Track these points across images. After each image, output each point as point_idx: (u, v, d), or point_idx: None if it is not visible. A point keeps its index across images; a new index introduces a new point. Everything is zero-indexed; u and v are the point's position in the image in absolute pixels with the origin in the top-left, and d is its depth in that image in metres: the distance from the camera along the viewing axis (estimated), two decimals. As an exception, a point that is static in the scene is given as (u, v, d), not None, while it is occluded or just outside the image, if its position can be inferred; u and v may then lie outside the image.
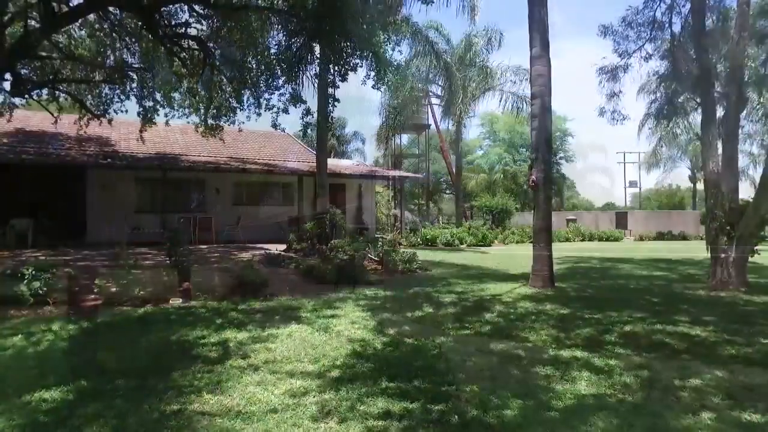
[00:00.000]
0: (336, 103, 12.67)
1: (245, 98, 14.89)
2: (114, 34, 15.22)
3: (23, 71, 14.09)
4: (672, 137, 21.83)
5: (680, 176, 79.43)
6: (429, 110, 28.70)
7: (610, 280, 9.58)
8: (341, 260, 11.67)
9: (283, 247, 15.64)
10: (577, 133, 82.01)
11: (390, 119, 23.54)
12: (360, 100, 76.17)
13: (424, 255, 10.74)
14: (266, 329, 5.29)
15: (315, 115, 13.94)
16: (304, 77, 14.72)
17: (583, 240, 24.89)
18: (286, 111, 12.82)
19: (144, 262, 9.81)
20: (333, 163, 22.48)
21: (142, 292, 6.80)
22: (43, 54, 13.51)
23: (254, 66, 13.01)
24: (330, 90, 13.19)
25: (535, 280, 8.33)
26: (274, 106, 12.91)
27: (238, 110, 15.80)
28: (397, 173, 23.09)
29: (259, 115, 14.51)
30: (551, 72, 8.43)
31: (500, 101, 24.61)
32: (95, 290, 6.60)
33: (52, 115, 15.58)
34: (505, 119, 62.06)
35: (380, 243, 11.91)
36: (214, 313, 6.03)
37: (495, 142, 61.83)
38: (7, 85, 13.47)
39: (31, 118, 19.83)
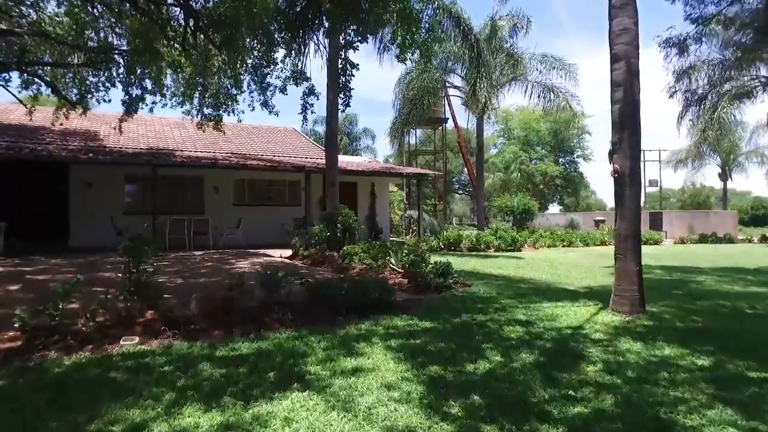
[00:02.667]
0: (354, 70, 10.41)
1: (244, 82, 12.90)
2: (94, 10, 13.31)
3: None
4: (719, 128, 19.51)
5: (705, 175, 76.52)
6: (446, 103, 26.61)
7: (705, 300, 7.46)
8: (358, 273, 9.68)
9: (289, 252, 13.71)
10: (596, 131, 78.91)
11: (405, 111, 21.43)
12: (369, 102, 74.49)
13: (452, 262, 8.71)
14: (251, 404, 3.26)
15: (321, 97, 11.83)
16: (310, 45, 12.47)
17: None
18: (283, 90, 10.77)
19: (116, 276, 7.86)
20: (344, 159, 20.50)
21: (84, 327, 4.80)
22: (4, 27, 11.60)
23: (248, 31, 10.87)
24: (342, 59, 11.01)
25: (619, 303, 6.24)
26: (269, 85, 10.83)
27: (237, 97, 13.83)
28: (414, 170, 21.07)
29: (265, 106, 12.40)
30: (638, 26, 6.33)
31: (525, 92, 22.44)
32: (16, 323, 4.62)
33: (24, 105, 13.67)
34: (519, 116, 59.77)
35: (404, 249, 9.84)
36: (178, 367, 4.00)
37: (510, 140, 59.54)
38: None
39: (13, 111, 18.01)
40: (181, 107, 15.08)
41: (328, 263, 11.71)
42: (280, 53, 11.13)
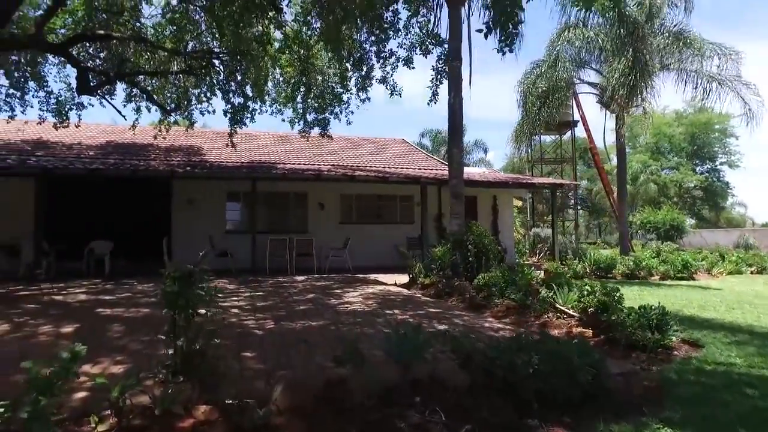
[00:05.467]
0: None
1: (350, 75, 10.88)
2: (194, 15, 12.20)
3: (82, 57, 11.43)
4: None
5: None
6: (574, 103, 23.06)
7: None
8: (502, 312, 7.02)
9: (404, 279, 11.39)
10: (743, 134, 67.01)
11: (533, 111, 18.36)
12: (474, 120, 71.71)
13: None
14: None
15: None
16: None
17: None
18: (409, 62, 8.46)
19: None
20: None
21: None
22: (102, 32, 10.66)
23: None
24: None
25: None
26: (390, 55, 8.56)
27: (343, 95, 11.89)
28: (547, 180, 17.95)
29: (384, 83, 10.06)
30: None
31: (679, 84, 18.23)
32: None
33: (124, 117, 12.88)
34: (643, 121, 53.16)
35: (581, 283, 6.97)
36: None
37: (635, 147, 52.98)
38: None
39: (125, 132, 17.72)
40: (282, 114, 13.60)
41: (457, 296, 9.13)
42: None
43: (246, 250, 13.10)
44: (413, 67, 8.73)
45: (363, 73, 11.73)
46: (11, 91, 12.34)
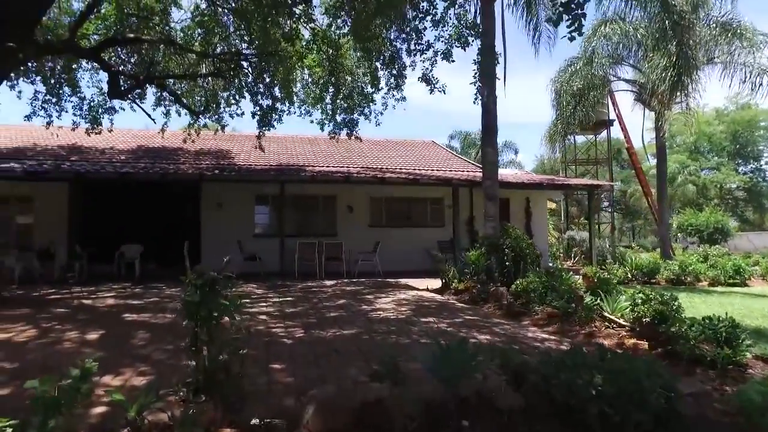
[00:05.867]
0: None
1: (381, 74, 10.59)
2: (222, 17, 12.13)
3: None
4: None
5: None
6: (609, 102, 22.23)
7: None
8: (544, 320, 6.59)
9: (436, 283, 11.03)
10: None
11: (566, 112, 17.72)
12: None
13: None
14: None
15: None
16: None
17: None
18: (448, 56, 8.10)
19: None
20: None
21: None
22: (132, 36, 10.66)
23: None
24: None
25: None
26: (428, 47, 8.21)
27: (373, 96, 11.61)
28: (583, 181, 17.28)
29: (426, 82, 9.59)
30: None
31: (722, 77, 17.28)
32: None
33: (153, 120, 12.82)
34: (685, 118, 51.27)
35: (629, 290, 6.48)
36: None
37: (672, 147, 51.07)
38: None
39: (155, 137, 17.86)
40: (311, 116, 13.39)
41: (493, 302, 8.70)
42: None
43: (274, 254, 12.94)
44: (453, 61, 8.35)
45: (394, 71, 11.42)
46: (47, 97, 12.48)
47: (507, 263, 9.53)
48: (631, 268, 13.40)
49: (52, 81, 12.46)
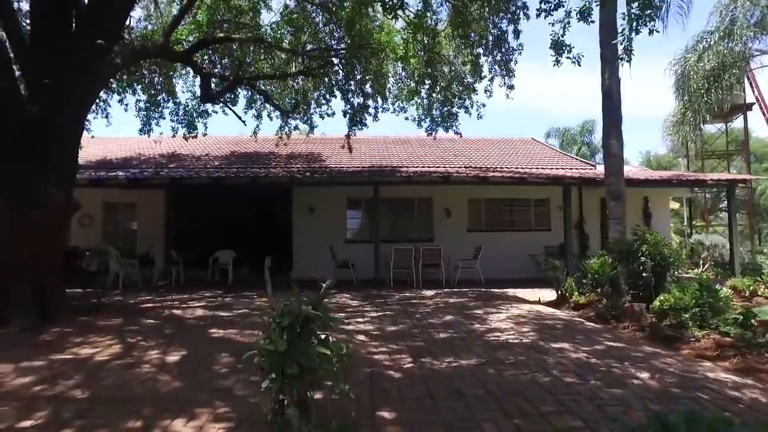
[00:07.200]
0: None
1: (484, 59, 9.39)
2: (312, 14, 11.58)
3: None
4: None
5: None
6: (746, 83, 19.14)
7: None
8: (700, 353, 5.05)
9: (546, 294, 9.66)
10: None
11: (697, 98, 15.28)
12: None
13: None
14: None
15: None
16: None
17: None
18: (585, 15, 6.75)
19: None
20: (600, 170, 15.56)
21: None
22: (222, 35, 10.35)
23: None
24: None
25: None
26: (557, 6, 6.87)
27: (474, 86, 10.44)
28: (724, 176, 14.79)
29: (558, 49, 8.05)
30: None
31: None
32: None
33: (244, 123, 12.54)
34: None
35: None
36: None
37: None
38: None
39: (248, 142, 17.93)
40: (405, 112, 12.45)
41: (628, 321, 7.18)
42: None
43: (367, 261, 12.10)
44: (593, 22, 6.89)
45: (498, 57, 10.16)
46: (147, 104, 12.65)
47: (644, 274, 7.88)
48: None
49: (152, 91, 12.61)
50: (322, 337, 1.88)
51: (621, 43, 7.09)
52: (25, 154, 6.89)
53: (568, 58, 7.77)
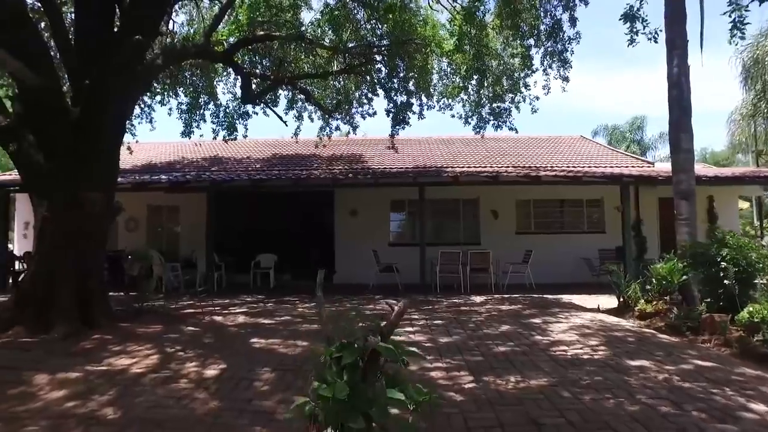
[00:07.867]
0: None
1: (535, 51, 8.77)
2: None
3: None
4: None
5: None
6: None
7: None
8: None
9: (604, 300, 8.96)
10: None
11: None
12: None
13: None
14: None
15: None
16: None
17: None
18: None
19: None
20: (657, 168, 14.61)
21: None
22: (262, 33, 10.12)
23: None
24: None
25: None
26: None
27: (526, 79, 9.83)
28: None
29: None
30: None
31: None
32: None
33: (285, 123, 12.23)
34: None
35: None
36: None
37: None
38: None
39: (289, 144, 17.78)
40: (451, 110, 11.92)
41: (709, 334, 6.40)
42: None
43: (411, 265, 11.60)
44: None
45: (550, 47, 9.51)
46: (189, 107, 12.59)
47: (726, 281, 7.06)
48: None
49: (193, 93, 12.55)
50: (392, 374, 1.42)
51: (729, 14, 6.37)
52: (66, 158, 6.77)
53: (643, 34, 7.05)
